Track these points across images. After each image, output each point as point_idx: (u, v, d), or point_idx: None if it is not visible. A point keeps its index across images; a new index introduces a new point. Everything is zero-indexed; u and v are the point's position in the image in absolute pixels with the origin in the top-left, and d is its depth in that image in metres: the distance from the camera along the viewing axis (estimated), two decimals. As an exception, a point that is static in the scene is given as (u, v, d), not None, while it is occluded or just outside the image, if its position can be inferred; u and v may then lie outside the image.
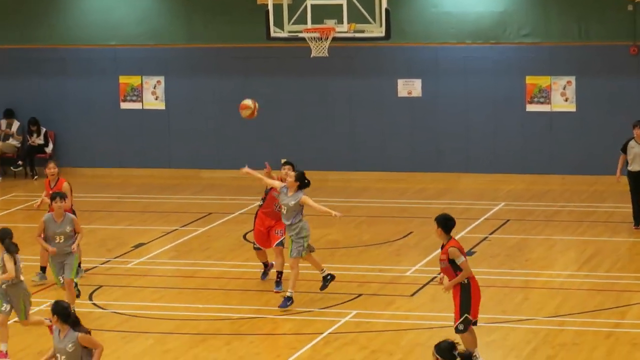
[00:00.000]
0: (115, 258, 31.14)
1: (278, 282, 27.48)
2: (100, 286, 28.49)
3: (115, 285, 28.71)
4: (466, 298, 20.21)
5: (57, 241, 24.95)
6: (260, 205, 28.05)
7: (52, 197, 25.29)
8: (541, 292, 27.58)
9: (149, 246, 32.44)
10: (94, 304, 27.08)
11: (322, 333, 24.47)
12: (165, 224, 34.30)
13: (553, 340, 23.89)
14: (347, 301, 26.74)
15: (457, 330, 20.15)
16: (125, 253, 31.76)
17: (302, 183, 26.24)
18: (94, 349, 17.71)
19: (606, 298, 26.68)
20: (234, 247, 28.32)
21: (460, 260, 20.01)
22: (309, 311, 26.00)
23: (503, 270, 29.43)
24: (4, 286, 22.76)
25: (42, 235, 25.51)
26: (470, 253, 29.96)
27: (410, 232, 33.32)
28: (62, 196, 25.21)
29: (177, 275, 30.25)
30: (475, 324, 20.71)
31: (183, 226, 34.89)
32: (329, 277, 26.66)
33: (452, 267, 20.10)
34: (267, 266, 28.09)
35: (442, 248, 20.32)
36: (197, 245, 32.92)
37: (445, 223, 20.35)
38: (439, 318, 24.42)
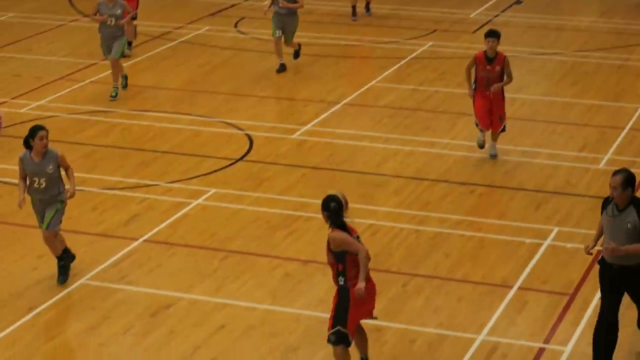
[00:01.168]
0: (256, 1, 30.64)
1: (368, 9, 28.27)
2: (243, 17, 28.41)
3: (255, 18, 28.48)
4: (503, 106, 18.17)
5: (108, 23, 21.49)
6: None
7: None
8: (570, 33, 27.27)
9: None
10: (239, 31, 27.08)
11: (405, 58, 24.46)
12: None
13: (578, 69, 23.81)
14: (425, 35, 26.62)
15: (503, 130, 18.41)
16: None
17: None
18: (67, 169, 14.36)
19: (618, 38, 26.37)
20: None
21: (509, 70, 17.77)
22: (396, 42, 25.92)
23: (541, 15, 28.98)
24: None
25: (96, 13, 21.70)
26: (518, 2, 29.74)
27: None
28: None
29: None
30: None
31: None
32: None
33: (503, 74, 17.73)
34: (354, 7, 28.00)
35: (490, 62, 17.65)
36: None
37: (499, 35, 17.73)
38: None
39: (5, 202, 16.99)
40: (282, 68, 23.38)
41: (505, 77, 17.83)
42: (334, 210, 11.42)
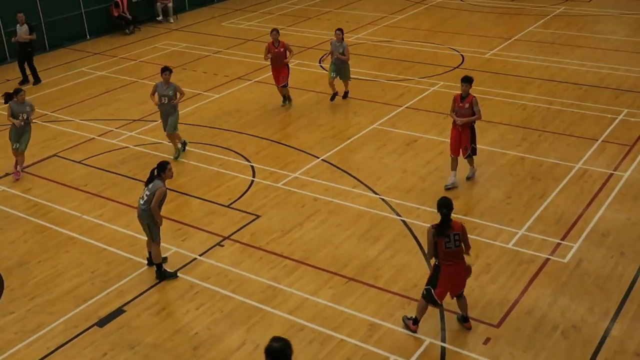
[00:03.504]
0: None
1: None
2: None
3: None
4: (474, 135, 12.13)
5: (162, 102, 13.27)
6: None
7: None
8: (645, 2, 24.66)
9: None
10: (459, -1, 25.96)
11: (547, 15, 22.90)
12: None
13: (647, 22, 21.61)
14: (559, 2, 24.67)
15: (469, 156, 12.28)
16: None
17: None
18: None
19: (674, 5, 23.67)
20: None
21: (477, 108, 11.71)
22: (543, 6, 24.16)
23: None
24: None
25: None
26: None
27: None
28: None
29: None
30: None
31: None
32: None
33: (472, 111, 11.72)
34: None
35: (462, 100, 11.77)
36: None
37: (471, 80, 11.77)
38: None
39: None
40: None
41: (475, 114, 11.85)
42: (444, 215, 8.32)
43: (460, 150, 12.16)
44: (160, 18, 24.34)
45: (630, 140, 13.75)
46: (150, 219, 9.76)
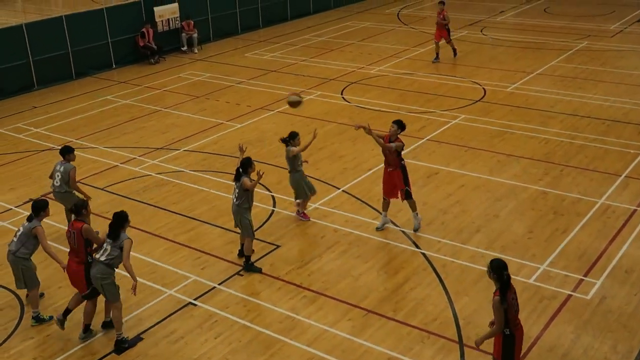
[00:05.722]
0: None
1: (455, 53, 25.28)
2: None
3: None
4: (406, 176, 11.52)
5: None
6: None
7: None
8: (669, 38, 24.54)
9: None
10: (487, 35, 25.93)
11: (569, 50, 22.81)
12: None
13: (671, 58, 21.48)
14: (581, 38, 24.56)
15: (407, 198, 11.62)
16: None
17: None
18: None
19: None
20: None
21: (398, 144, 11.24)
22: (564, 41, 24.11)
23: (654, 28, 26.12)
24: None
25: None
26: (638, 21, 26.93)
27: None
28: None
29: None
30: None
31: None
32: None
33: (397, 156, 11.38)
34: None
35: (390, 141, 11.42)
36: None
37: (399, 125, 11.45)
38: None
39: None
40: None
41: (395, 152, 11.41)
42: (506, 279, 7.54)
43: (398, 193, 11.56)
44: (185, 48, 24.70)
45: (655, 177, 13.64)
46: (242, 214, 10.48)
